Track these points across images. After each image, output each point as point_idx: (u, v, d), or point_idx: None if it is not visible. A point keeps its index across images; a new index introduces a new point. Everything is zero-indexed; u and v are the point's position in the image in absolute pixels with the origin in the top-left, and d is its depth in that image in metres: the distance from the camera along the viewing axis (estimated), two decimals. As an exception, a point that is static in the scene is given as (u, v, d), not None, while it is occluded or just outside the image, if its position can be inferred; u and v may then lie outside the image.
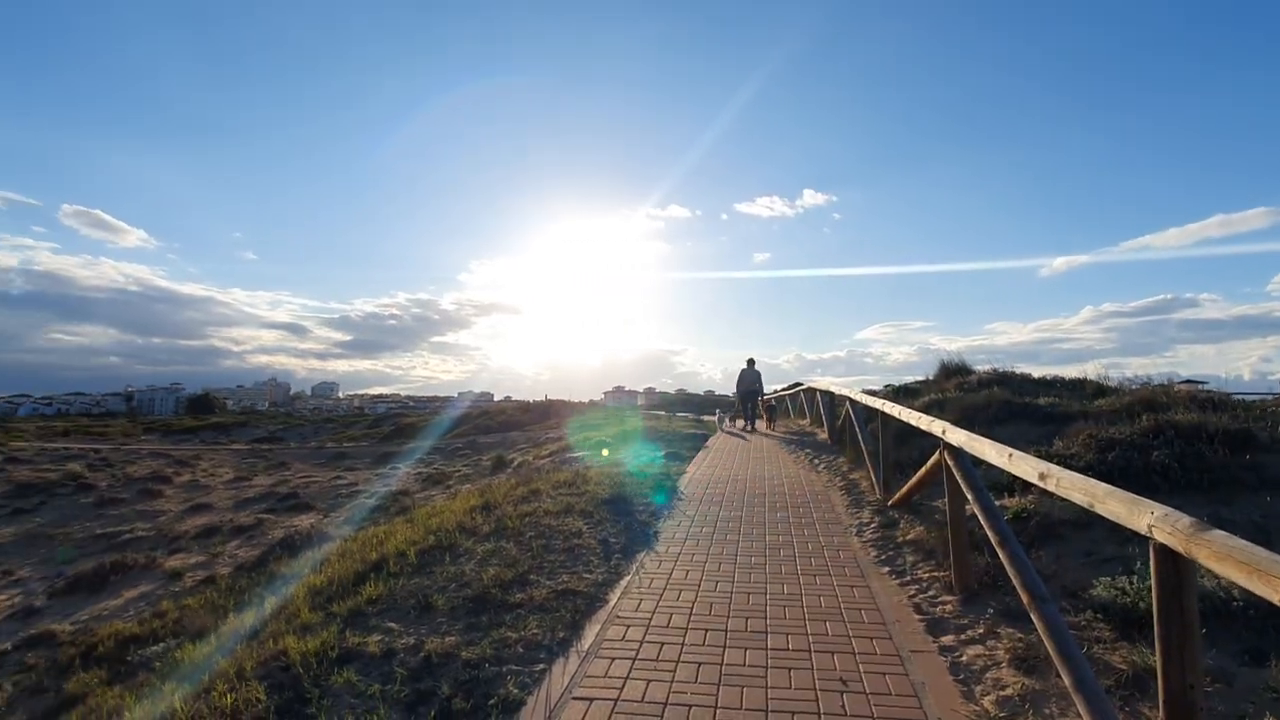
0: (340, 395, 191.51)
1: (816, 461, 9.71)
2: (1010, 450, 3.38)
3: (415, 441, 27.02)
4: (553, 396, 46.29)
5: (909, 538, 5.36)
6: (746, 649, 3.58)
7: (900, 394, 11.37)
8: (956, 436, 4.17)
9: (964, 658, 3.45)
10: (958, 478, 4.17)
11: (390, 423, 39.55)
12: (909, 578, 4.64)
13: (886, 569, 4.88)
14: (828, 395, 11.77)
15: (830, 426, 11.20)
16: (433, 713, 3.06)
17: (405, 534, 6.08)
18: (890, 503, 6.23)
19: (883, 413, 6.57)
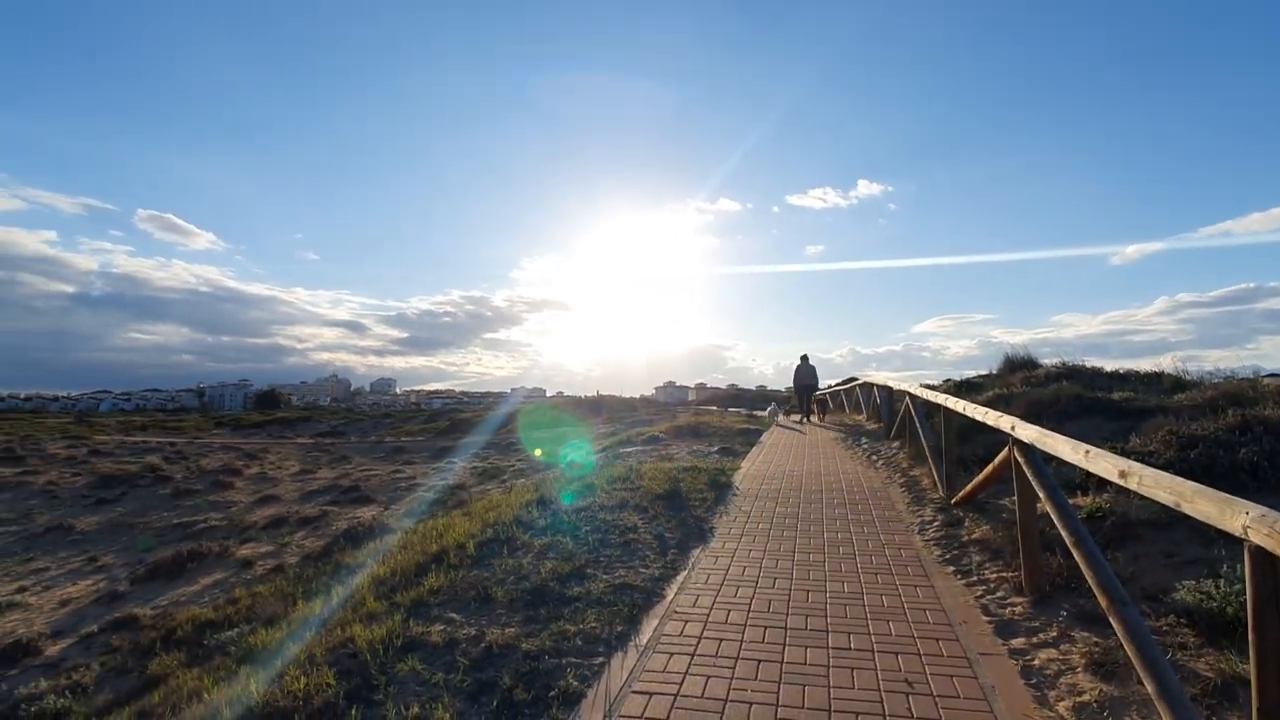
0: (398, 391, 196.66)
1: (874, 457, 9.51)
2: (1087, 447, 3.24)
3: (470, 436, 27.51)
4: (603, 392, 46.59)
5: (974, 537, 5.20)
6: (807, 647, 3.52)
7: (962, 389, 11.04)
8: (1027, 432, 4.01)
9: (1036, 661, 3.32)
10: (1028, 475, 4.02)
11: (445, 418, 40.38)
12: (975, 578, 4.50)
13: (951, 568, 4.74)
14: (885, 390, 11.50)
15: (888, 422, 10.94)
16: (495, 702, 3.10)
17: (464, 527, 6.18)
18: (954, 501, 6.05)
19: (945, 408, 6.39)
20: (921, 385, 8.77)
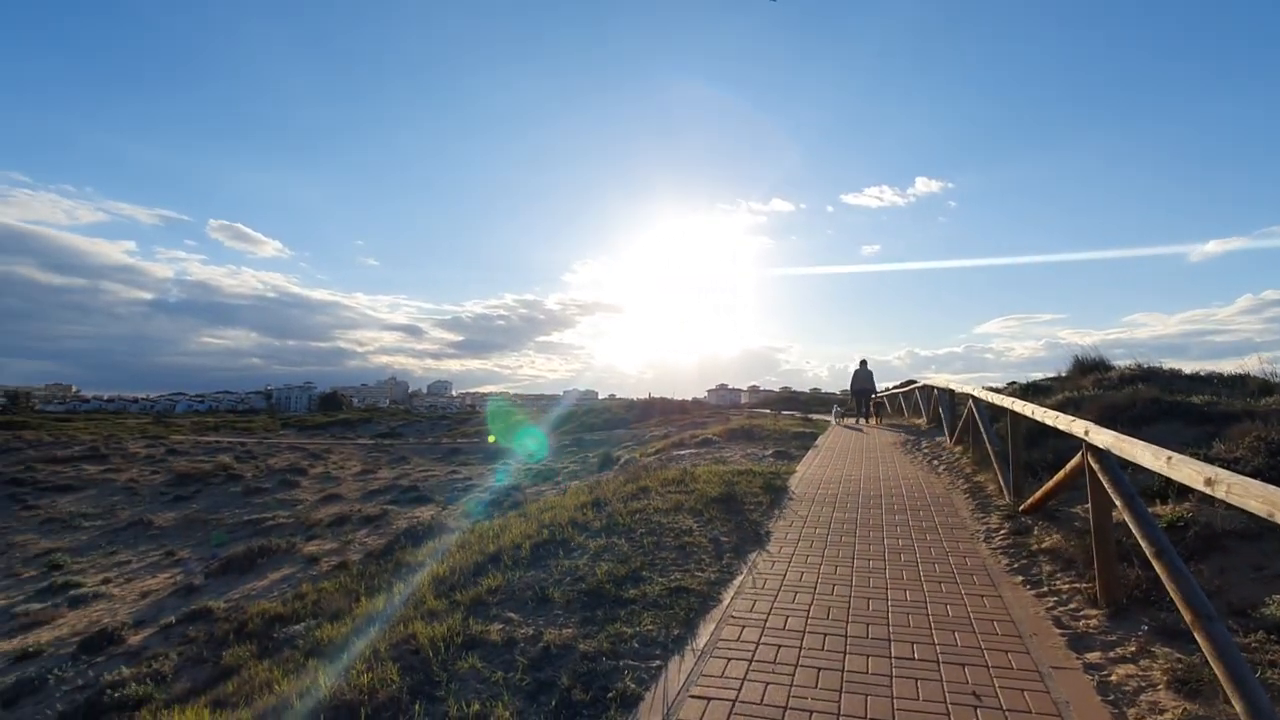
0: (454, 393, 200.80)
1: (936, 462, 9.25)
2: (1169, 453, 3.07)
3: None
4: (655, 394, 46.59)
5: (1044, 546, 5.00)
6: (869, 656, 3.44)
7: (1028, 391, 10.63)
8: (1102, 438, 3.84)
9: (1113, 677, 3.17)
10: (1104, 482, 3.84)
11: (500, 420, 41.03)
12: (1046, 589, 4.32)
13: (1020, 578, 4.57)
14: (947, 393, 11.18)
15: (950, 426, 10.63)
16: (554, 702, 3.12)
17: (520, 528, 6.26)
18: (1022, 508, 5.83)
19: (1012, 411, 6.17)
20: (984, 388, 8.49)
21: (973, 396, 8.18)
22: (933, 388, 13.06)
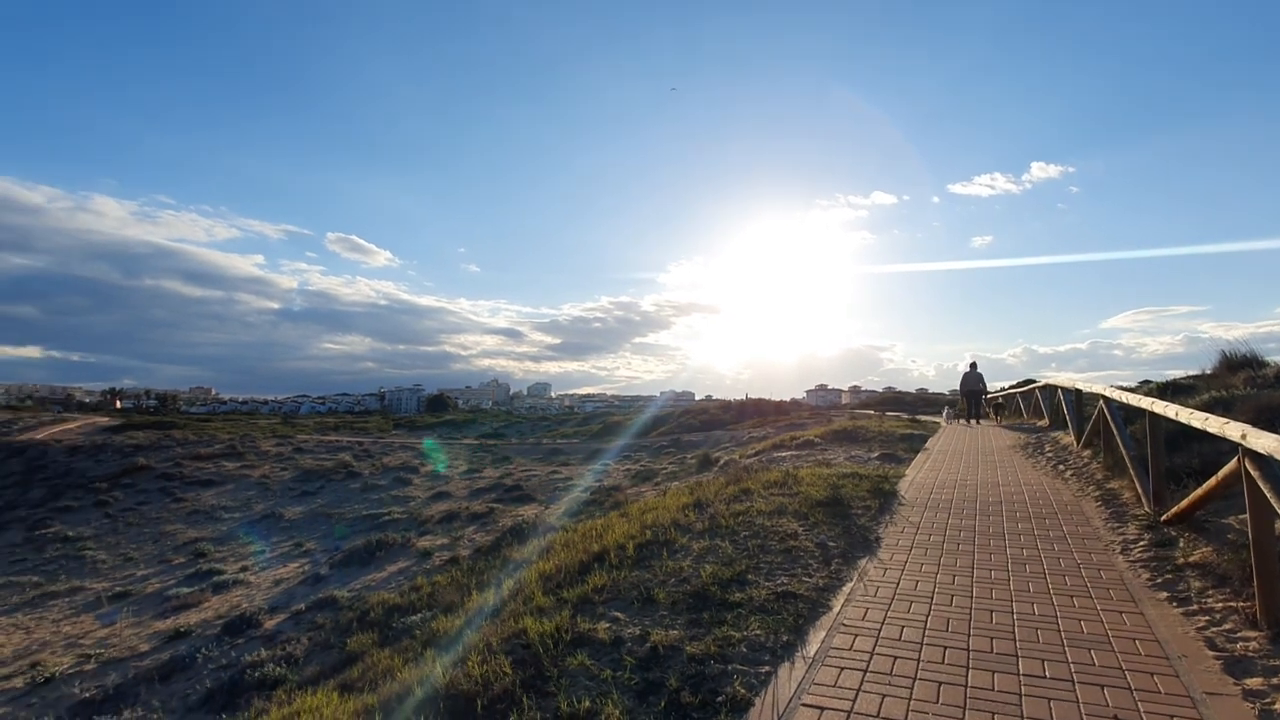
0: (553, 395, 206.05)
1: (1062, 467, 8.64)
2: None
3: (622, 439, 28.18)
4: (753, 395, 46.03)
5: (1192, 560, 4.56)
6: (994, 672, 3.24)
7: (1167, 391, 9.75)
8: (1263, 442, 3.46)
9: (1278, 705, 2.84)
10: (1264, 491, 3.47)
11: (598, 421, 41.68)
12: (1195, 606, 3.94)
13: (1164, 594, 4.19)
14: (1073, 392, 10.41)
15: (1077, 428, 9.90)
16: (663, 703, 3.12)
17: (623, 528, 6.30)
18: (1164, 518, 5.34)
19: (1150, 413, 5.67)
20: (1115, 387, 7.85)
21: (1104, 397, 7.58)
22: (1056, 387, 12.23)
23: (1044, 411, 14.21)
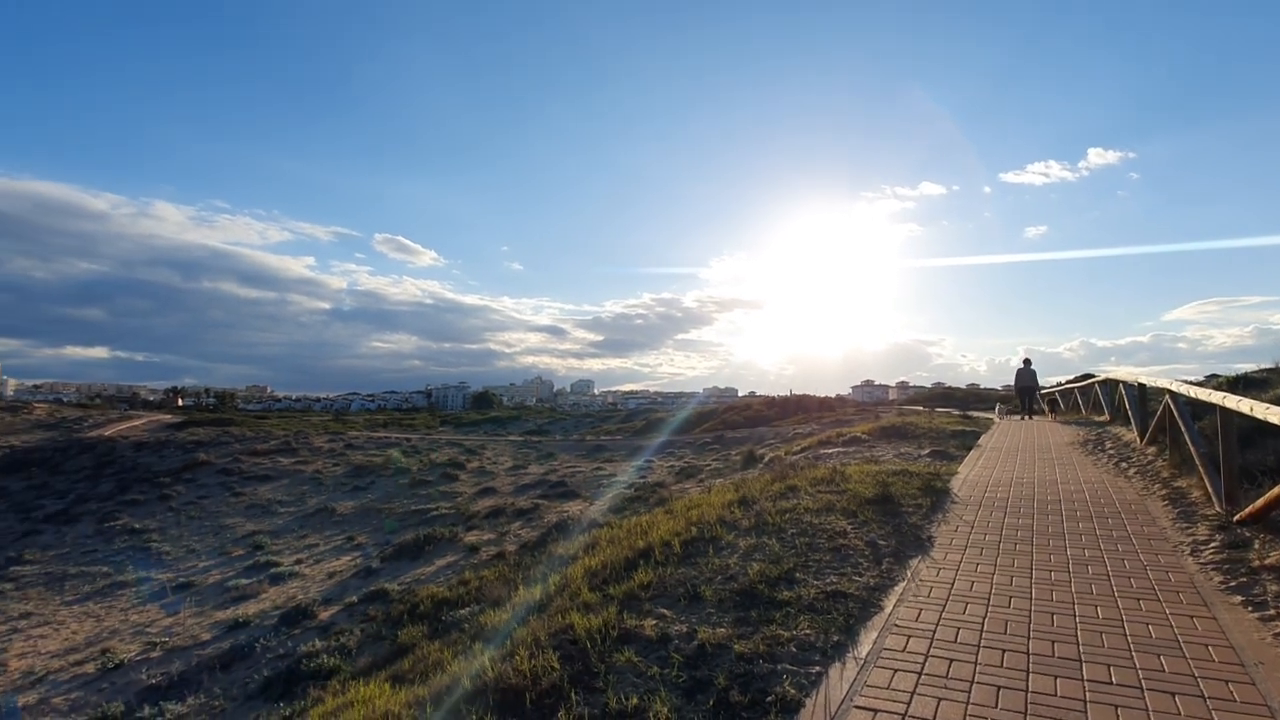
0: (596, 392, 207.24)
1: (1124, 464, 8.31)
2: None
3: (665, 435, 28.17)
4: (797, 391, 45.58)
5: (1269, 562, 4.32)
6: (1057, 677, 3.12)
7: (1238, 385, 9.30)
8: (1351, 437, 3.25)
9: (1370, 719, 2.67)
10: (1353, 490, 3.26)
11: (641, 417, 41.77)
12: (1272, 611, 3.74)
13: (1239, 599, 3.98)
14: (1135, 387, 10.00)
15: (1140, 424, 9.51)
16: (711, 701, 3.08)
17: (668, 525, 6.27)
18: (1237, 518, 5.09)
19: (1222, 408, 5.40)
20: (1181, 381, 7.51)
21: (1170, 391, 7.26)
22: (1118, 382, 11.78)
23: (1104, 407, 13.70)
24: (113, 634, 9.88)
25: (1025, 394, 19.14)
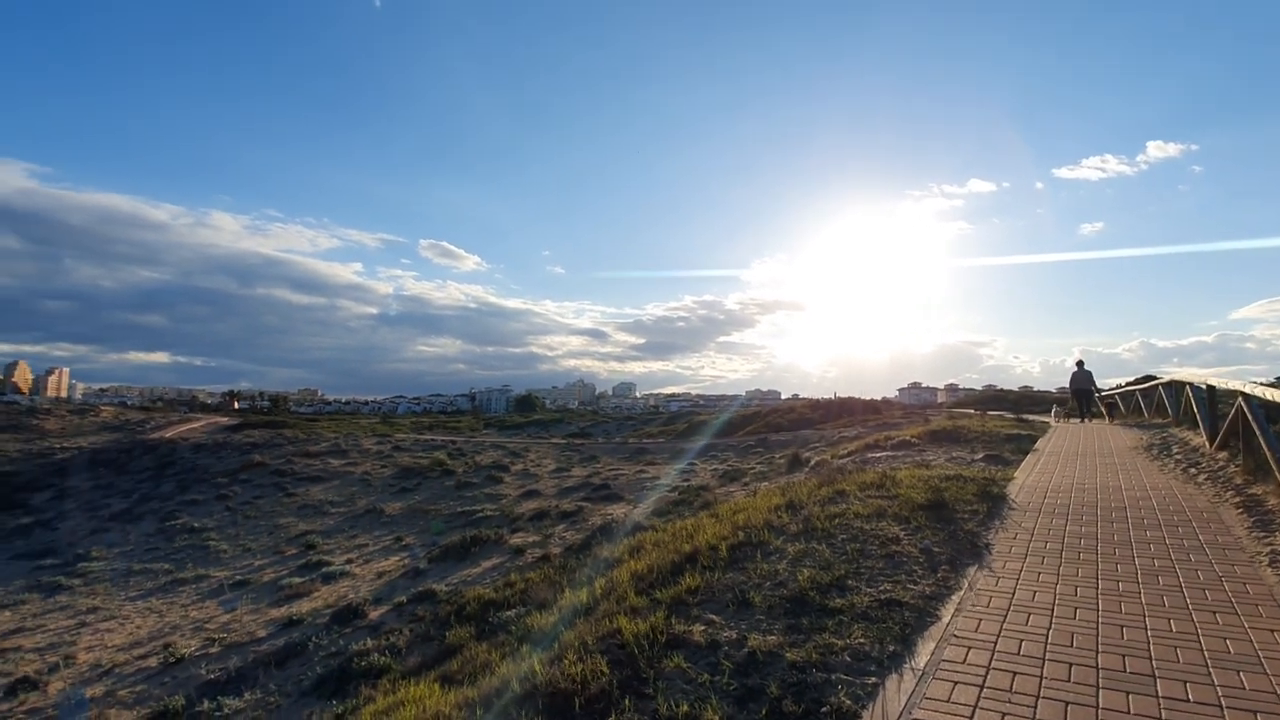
0: (638, 394, 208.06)
1: (1193, 470, 7.94)
2: None
3: (707, 438, 28.01)
4: (841, 394, 44.87)
5: (1359, 575, 4.06)
6: (1129, 694, 2.96)
7: (1316, 387, 8.81)
8: None
9: None
10: None
11: (683, 420, 41.63)
12: (1365, 628, 3.50)
13: (1327, 614, 3.74)
14: (1203, 389, 9.55)
15: (1209, 428, 9.08)
16: (763, 710, 3.01)
17: (713, 529, 6.20)
18: (1321, 527, 4.80)
19: (1302, 411, 5.11)
20: (1254, 382, 7.14)
21: (1242, 393, 6.91)
22: (1183, 384, 11.28)
23: (1169, 410, 13.14)
24: (174, 629, 10.22)
25: (1081, 397, 18.84)
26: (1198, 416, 9.77)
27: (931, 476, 7.55)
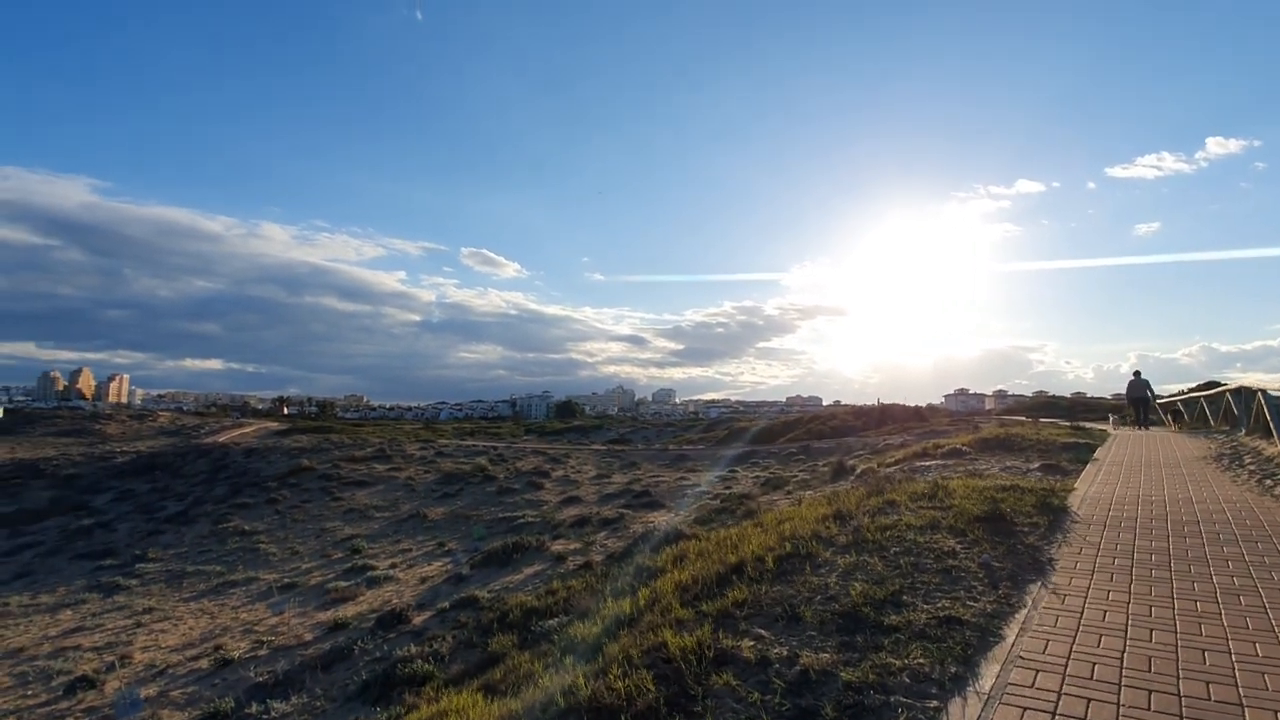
0: (677, 400, 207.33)
1: (1268, 481, 7.48)
2: None
3: (747, 445, 27.73)
4: (883, 400, 44.01)
5: None
6: (1218, 725, 2.75)
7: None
8: None
9: None
10: None
11: (724, 426, 41.38)
12: None
13: None
14: (1277, 397, 9.06)
15: (1283, 438, 8.60)
16: (820, 734, 2.88)
17: (759, 539, 6.05)
18: None
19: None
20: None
21: (1324, 401, 6.50)
22: (1254, 390, 10.71)
23: (1239, 418, 12.51)
24: (224, 631, 10.43)
25: (1139, 404, 18.41)
26: (1271, 425, 9.25)
27: (986, 487, 7.27)
